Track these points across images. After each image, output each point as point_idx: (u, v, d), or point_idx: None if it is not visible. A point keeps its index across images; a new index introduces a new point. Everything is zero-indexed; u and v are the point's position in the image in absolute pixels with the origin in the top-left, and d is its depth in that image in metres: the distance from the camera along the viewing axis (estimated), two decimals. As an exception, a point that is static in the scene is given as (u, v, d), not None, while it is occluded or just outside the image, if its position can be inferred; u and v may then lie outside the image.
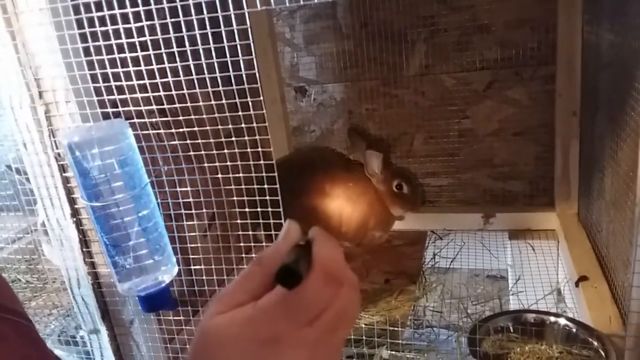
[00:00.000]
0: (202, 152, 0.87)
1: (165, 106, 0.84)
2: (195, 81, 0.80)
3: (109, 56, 0.81)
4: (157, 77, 0.81)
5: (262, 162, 0.85)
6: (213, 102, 0.83)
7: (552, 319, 1.05)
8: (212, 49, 0.76)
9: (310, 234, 0.40)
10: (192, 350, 0.35)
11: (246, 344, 0.33)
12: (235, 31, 0.73)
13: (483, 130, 1.61)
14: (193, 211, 0.96)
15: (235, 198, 0.91)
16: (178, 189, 0.91)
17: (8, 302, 0.48)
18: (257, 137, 0.84)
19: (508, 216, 1.59)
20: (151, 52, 0.79)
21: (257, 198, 0.90)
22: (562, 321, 1.03)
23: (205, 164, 0.88)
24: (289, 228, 0.39)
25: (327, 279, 0.34)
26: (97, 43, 0.81)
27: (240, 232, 0.96)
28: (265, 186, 0.85)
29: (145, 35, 0.78)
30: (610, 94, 1.19)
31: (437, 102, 1.62)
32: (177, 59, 0.77)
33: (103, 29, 0.79)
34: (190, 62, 0.79)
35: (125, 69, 0.81)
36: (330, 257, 0.36)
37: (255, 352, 0.33)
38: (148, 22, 0.76)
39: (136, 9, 0.77)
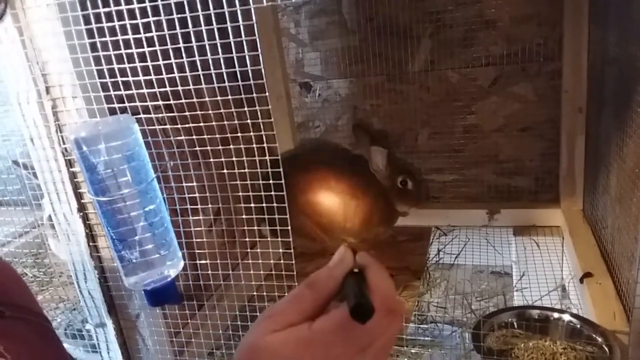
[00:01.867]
0: (208, 148, 0.87)
1: (172, 102, 0.85)
2: (201, 77, 0.81)
3: (116, 52, 0.81)
4: (164, 72, 0.82)
5: (267, 157, 0.85)
6: (219, 97, 0.83)
7: (556, 315, 1.05)
8: (218, 44, 0.76)
9: (359, 260, 0.41)
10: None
11: (300, 356, 0.34)
12: (241, 27, 0.73)
13: (488, 126, 1.61)
14: (199, 206, 0.96)
15: (240, 193, 0.91)
16: (184, 184, 0.92)
17: (29, 303, 0.49)
18: (263, 132, 0.84)
19: (513, 212, 1.59)
20: (157, 47, 0.79)
21: (262, 193, 0.90)
22: (566, 317, 1.03)
23: (211, 159, 0.88)
24: (344, 255, 0.40)
25: (385, 313, 0.36)
26: (103, 39, 0.81)
27: (245, 227, 0.96)
28: (271, 181, 0.86)
29: (151, 31, 0.78)
30: (617, 90, 1.19)
31: (442, 97, 1.62)
32: (184, 54, 0.77)
33: (110, 24, 0.79)
34: (197, 58, 0.79)
35: (131, 65, 0.82)
36: (388, 290, 0.38)
37: None
38: (154, 18, 0.76)
39: (143, 5, 0.77)
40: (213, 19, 0.74)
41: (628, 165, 1.07)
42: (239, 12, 0.73)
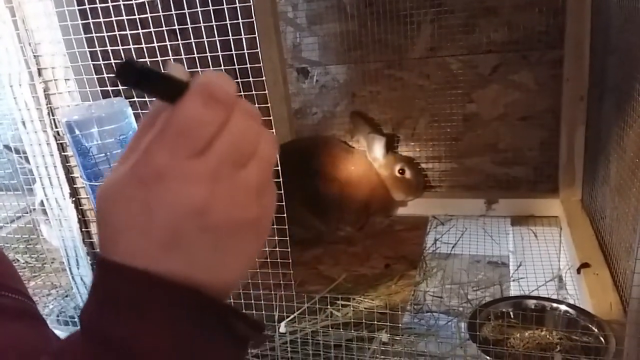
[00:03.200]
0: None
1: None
2: (197, 60, 0.79)
3: (109, 33, 0.79)
4: (158, 55, 0.80)
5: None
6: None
7: (553, 305, 1.04)
8: (214, 26, 0.74)
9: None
10: (96, 222, 0.33)
11: (130, 188, 0.29)
12: (238, 9, 0.71)
13: (488, 114, 1.59)
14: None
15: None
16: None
17: (9, 281, 0.48)
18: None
19: (511, 202, 1.58)
20: (152, 29, 0.77)
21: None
22: (563, 307, 1.03)
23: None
24: (171, 67, 0.32)
25: (206, 99, 0.29)
26: (97, 20, 0.79)
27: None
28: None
29: (146, 12, 0.76)
30: (618, 80, 1.18)
31: (441, 85, 1.60)
32: (179, 36, 0.76)
33: (103, 5, 0.77)
34: (192, 40, 0.77)
35: (125, 47, 0.80)
36: (212, 80, 0.30)
37: (141, 194, 0.29)
38: (149, -1, 0.75)
39: (136, -15, 0.75)
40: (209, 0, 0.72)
41: (628, 155, 1.06)
42: (235, -7, 0.71)
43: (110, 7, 0.77)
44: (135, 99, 0.84)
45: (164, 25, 0.77)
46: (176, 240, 0.29)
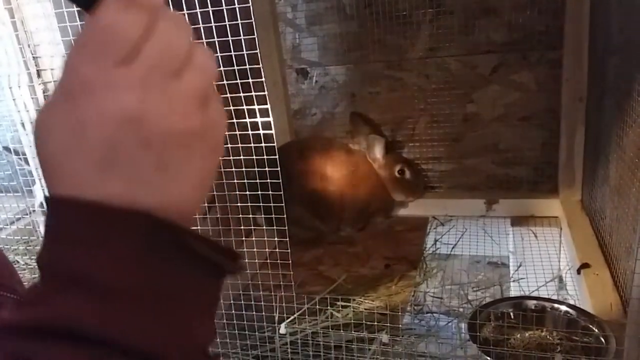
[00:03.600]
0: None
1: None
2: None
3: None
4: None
5: (263, 144, 0.84)
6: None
7: (553, 305, 1.04)
8: (214, 27, 0.74)
9: None
10: (37, 157, 0.30)
11: (60, 109, 0.28)
12: (237, 10, 0.71)
13: (488, 115, 1.59)
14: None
15: (235, 181, 0.90)
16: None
17: (9, 281, 0.48)
18: (259, 119, 0.82)
19: (511, 202, 1.58)
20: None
21: (257, 181, 0.89)
22: (563, 308, 1.03)
23: (206, 146, 0.86)
24: None
25: (126, 3, 0.27)
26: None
27: (240, 215, 0.95)
28: (266, 169, 0.84)
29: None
30: (618, 80, 1.18)
31: (441, 85, 1.60)
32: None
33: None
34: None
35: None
36: None
37: (70, 111, 0.27)
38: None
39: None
40: (208, 0, 0.72)
41: (628, 155, 1.06)
42: (234, -6, 0.71)
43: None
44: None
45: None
46: (114, 156, 0.27)
